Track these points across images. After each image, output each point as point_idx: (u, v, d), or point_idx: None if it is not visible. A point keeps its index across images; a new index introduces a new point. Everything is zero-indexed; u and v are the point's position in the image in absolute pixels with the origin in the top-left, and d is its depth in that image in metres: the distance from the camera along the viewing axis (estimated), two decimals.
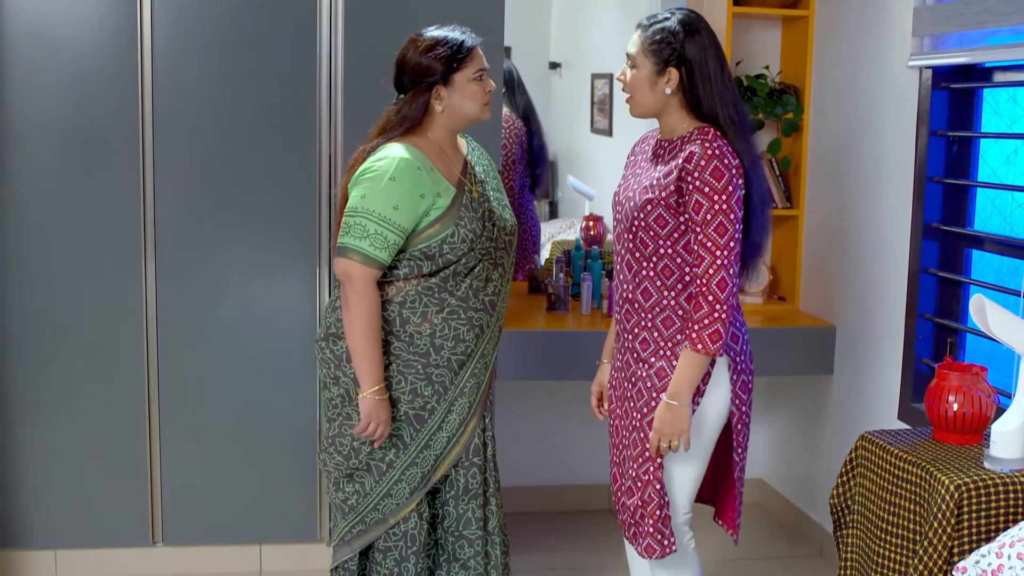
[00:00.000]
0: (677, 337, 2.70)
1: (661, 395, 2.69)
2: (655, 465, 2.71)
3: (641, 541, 2.75)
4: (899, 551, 2.79)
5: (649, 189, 2.67)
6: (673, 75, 2.66)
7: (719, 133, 2.65)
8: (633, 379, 2.77)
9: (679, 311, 2.70)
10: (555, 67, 5.46)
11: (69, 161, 3.52)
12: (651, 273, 2.71)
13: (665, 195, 2.64)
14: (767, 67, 4.22)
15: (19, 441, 3.61)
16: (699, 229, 2.60)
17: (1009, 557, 2.39)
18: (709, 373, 2.70)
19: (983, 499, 2.61)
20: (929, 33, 3.36)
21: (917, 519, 2.74)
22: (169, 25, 3.48)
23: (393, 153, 2.73)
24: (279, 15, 3.53)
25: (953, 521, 2.60)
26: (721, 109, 2.66)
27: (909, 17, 3.46)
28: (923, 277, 3.50)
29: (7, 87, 3.45)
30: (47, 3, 3.43)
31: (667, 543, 2.73)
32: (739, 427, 2.80)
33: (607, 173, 4.88)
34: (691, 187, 2.60)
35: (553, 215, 5.49)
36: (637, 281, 2.74)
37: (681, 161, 2.62)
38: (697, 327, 2.61)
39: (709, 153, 2.59)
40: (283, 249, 3.63)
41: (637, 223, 2.69)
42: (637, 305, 2.75)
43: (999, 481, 2.63)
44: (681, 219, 2.64)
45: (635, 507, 2.76)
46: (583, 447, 4.37)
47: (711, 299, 2.60)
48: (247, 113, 3.55)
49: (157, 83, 3.50)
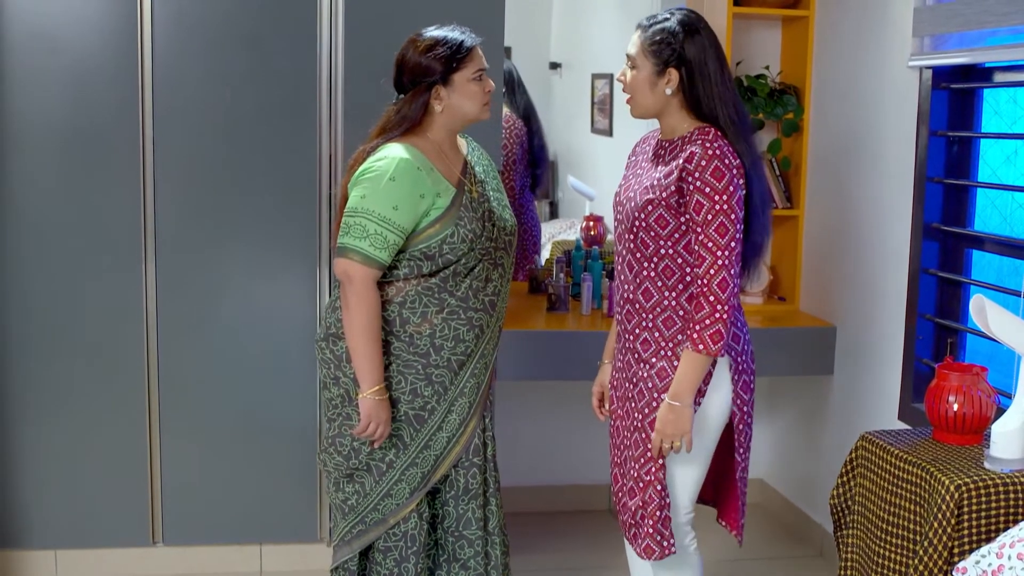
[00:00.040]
0: (678, 337, 2.70)
1: (662, 395, 2.69)
2: (657, 466, 2.71)
3: (640, 542, 2.75)
4: (899, 551, 2.79)
5: (650, 189, 2.67)
6: (673, 76, 2.66)
7: (719, 133, 2.65)
8: (634, 379, 2.77)
9: (680, 311, 2.69)
10: (555, 67, 5.46)
11: (69, 161, 3.52)
12: (652, 273, 2.71)
13: (666, 195, 2.63)
14: (767, 67, 4.21)
15: (19, 441, 3.61)
16: (700, 229, 2.60)
17: (1009, 557, 2.39)
18: (710, 373, 2.70)
19: (983, 499, 2.61)
20: (929, 33, 3.36)
21: (917, 519, 2.74)
22: (169, 25, 3.48)
23: (393, 153, 2.73)
24: (279, 15, 3.53)
25: (953, 521, 2.60)
26: (721, 109, 2.66)
27: (909, 17, 3.46)
28: (923, 277, 3.50)
29: (7, 87, 3.45)
30: (47, 3, 3.43)
31: (666, 544, 2.73)
32: (741, 427, 2.79)
33: (607, 173, 4.88)
34: (692, 187, 2.59)
35: (553, 215, 5.49)
36: (638, 281, 2.73)
37: (682, 161, 2.62)
38: (698, 327, 2.61)
39: (710, 153, 2.59)
40: (283, 249, 3.63)
41: (638, 223, 2.69)
42: (638, 305, 2.74)
43: (999, 481, 2.63)
44: (682, 219, 2.64)
45: (636, 508, 2.76)
46: (583, 447, 4.37)
47: (712, 299, 2.60)
48: (247, 113, 3.55)
49: (157, 83, 3.50)
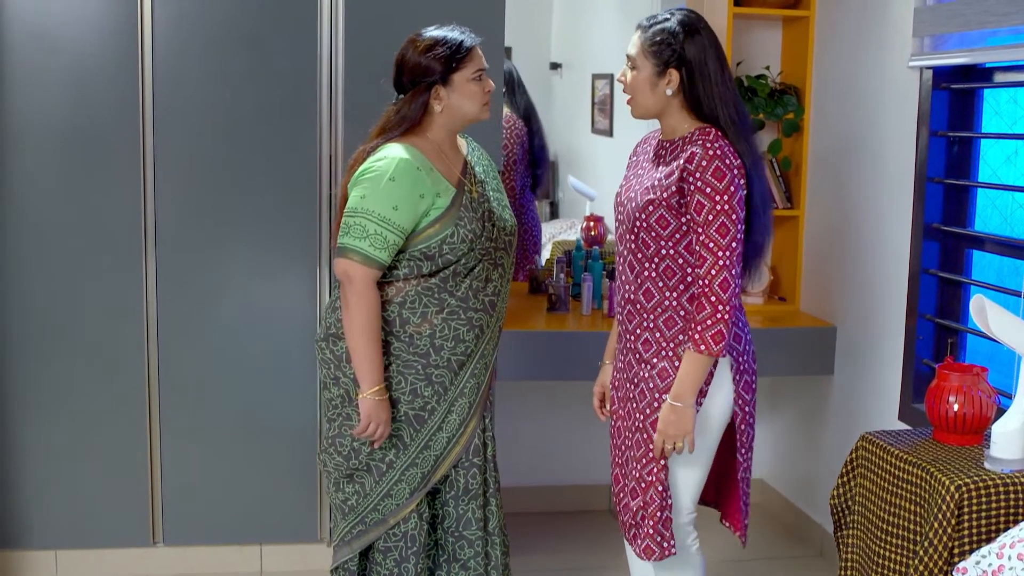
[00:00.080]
0: (679, 338, 2.70)
1: (664, 396, 2.69)
2: (659, 466, 2.71)
3: (640, 543, 2.75)
4: (899, 551, 2.79)
5: (651, 190, 2.67)
6: (674, 76, 2.65)
7: (720, 133, 2.65)
8: (635, 380, 2.77)
9: (681, 311, 2.69)
10: (556, 67, 5.47)
11: (69, 161, 3.52)
12: (653, 274, 2.70)
13: (667, 196, 2.63)
14: (768, 67, 4.21)
15: (19, 441, 3.61)
16: (701, 230, 2.60)
17: (1010, 558, 2.39)
18: (712, 374, 2.70)
19: (983, 500, 2.61)
20: (930, 33, 3.36)
21: (917, 519, 2.74)
22: (169, 25, 3.48)
23: (392, 153, 2.73)
24: (279, 15, 3.53)
25: (954, 522, 2.59)
26: (722, 109, 2.66)
27: (910, 17, 3.46)
28: (924, 277, 3.50)
29: (7, 87, 3.45)
30: (47, 3, 3.43)
31: (666, 545, 2.72)
32: (743, 427, 2.79)
33: (608, 173, 4.88)
34: (693, 188, 2.59)
35: (554, 215, 5.49)
36: (639, 282, 2.73)
37: (683, 162, 2.62)
38: (700, 328, 2.61)
39: (711, 154, 2.59)
40: (283, 249, 3.63)
41: (639, 224, 2.69)
42: (639, 306, 2.74)
43: (999, 482, 2.63)
44: (683, 220, 2.64)
45: (637, 508, 2.75)
46: (583, 447, 4.37)
47: (713, 300, 2.59)
48: (247, 113, 3.55)
49: (157, 83, 3.50)
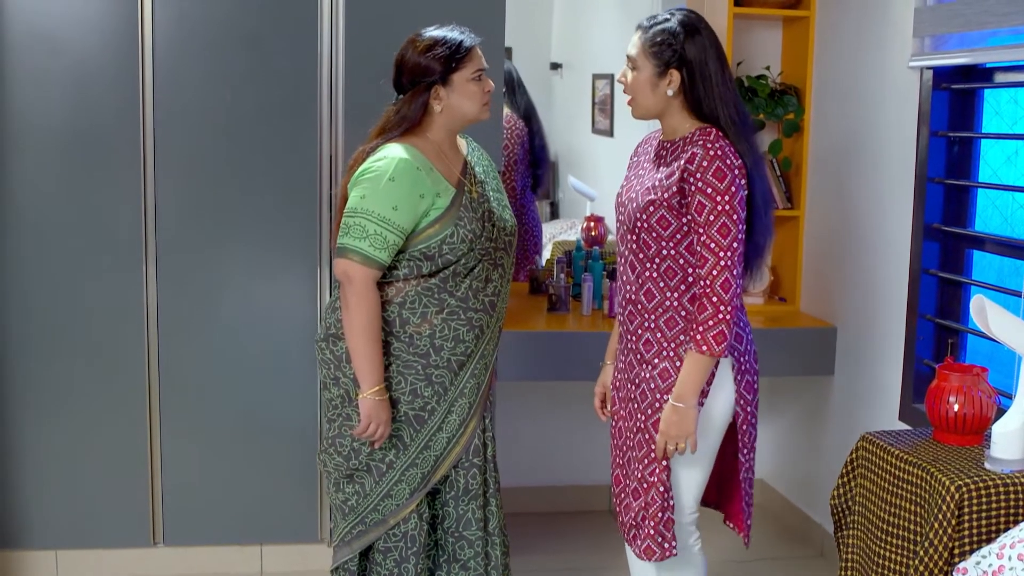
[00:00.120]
0: (680, 338, 2.69)
1: (665, 396, 2.69)
2: (661, 467, 2.71)
3: (641, 543, 2.75)
4: (900, 552, 2.79)
5: (651, 190, 2.67)
6: (675, 77, 2.65)
7: (721, 134, 2.64)
8: (637, 380, 2.77)
9: (682, 312, 2.69)
10: (556, 68, 5.47)
11: (70, 162, 3.52)
12: (654, 274, 2.70)
13: (667, 196, 2.63)
14: (768, 68, 4.21)
15: (19, 441, 3.61)
16: (702, 230, 2.59)
17: (1010, 558, 2.39)
18: (713, 374, 2.70)
19: (984, 500, 2.60)
20: (930, 34, 3.36)
21: (918, 520, 2.74)
22: (170, 26, 3.48)
23: (392, 153, 2.73)
24: (279, 15, 3.53)
25: (954, 522, 2.59)
26: (722, 110, 2.66)
27: (910, 18, 3.46)
28: (924, 278, 3.50)
29: (8, 88, 3.45)
30: (47, 4, 3.43)
31: (667, 546, 2.72)
32: (744, 428, 2.78)
33: (608, 174, 4.88)
34: (693, 188, 2.59)
35: (554, 216, 5.49)
36: (640, 282, 2.73)
37: (683, 162, 2.61)
38: (701, 328, 2.60)
39: (711, 154, 2.58)
40: (283, 249, 3.63)
41: (640, 224, 2.69)
42: (640, 306, 2.74)
43: (1000, 482, 2.63)
44: (684, 220, 2.63)
45: (638, 508, 2.75)
46: (584, 448, 4.37)
47: (715, 300, 2.59)
48: (248, 113, 3.55)
49: (158, 84, 3.50)
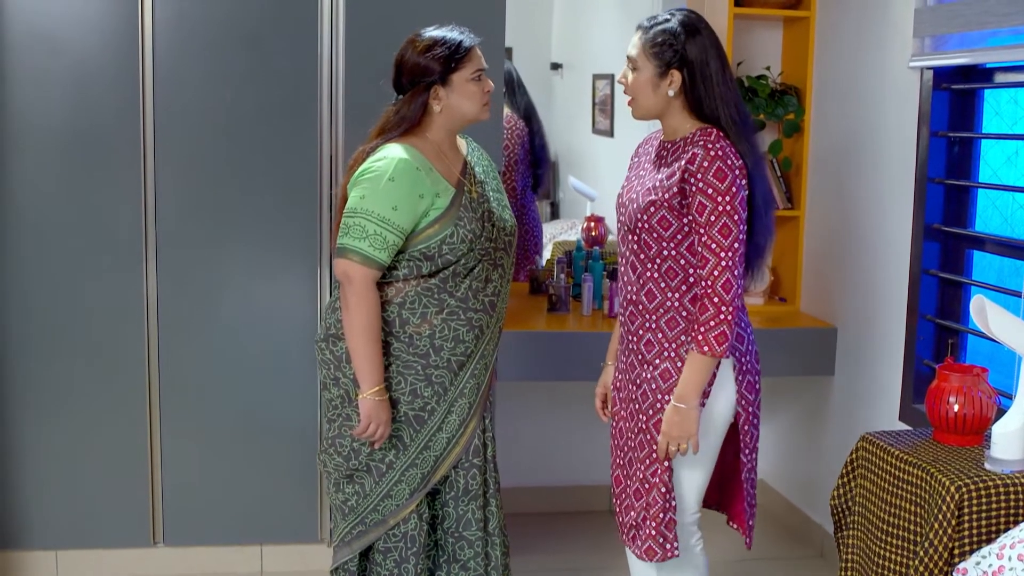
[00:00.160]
0: (681, 338, 2.69)
1: (666, 397, 2.69)
2: (663, 468, 2.70)
3: (642, 544, 2.74)
4: (900, 552, 2.79)
5: (652, 191, 2.67)
6: (676, 77, 2.65)
7: (721, 134, 2.64)
8: (638, 381, 2.76)
9: (683, 312, 2.69)
10: (556, 68, 5.46)
11: (70, 162, 3.52)
12: (655, 275, 2.70)
13: (668, 197, 2.63)
14: (768, 68, 4.21)
15: (19, 441, 3.61)
16: (703, 231, 2.59)
17: (1010, 558, 2.39)
18: (714, 374, 2.69)
19: (984, 500, 2.60)
20: (930, 34, 3.36)
21: (918, 520, 2.73)
22: (170, 26, 3.48)
23: (392, 154, 2.73)
24: (279, 15, 3.53)
25: (954, 522, 2.59)
26: (723, 110, 2.65)
27: (910, 18, 3.46)
28: (924, 278, 3.49)
29: (8, 88, 3.45)
30: (48, 4, 3.43)
31: (669, 547, 2.72)
32: (746, 428, 2.78)
33: (608, 174, 4.87)
34: (694, 188, 2.59)
35: (554, 216, 5.48)
36: (641, 283, 2.73)
37: (684, 163, 2.61)
38: (703, 329, 2.60)
39: (712, 155, 2.58)
40: (283, 249, 3.63)
41: (640, 225, 2.68)
42: (641, 307, 2.74)
43: (1000, 482, 2.63)
44: (685, 221, 2.63)
45: (640, 509, 2.75)
46: (584, 448, 4.37)
47: (716, 301, 2.59)
48: (248, 113, 3.55)
49: (158, 83, 3.50)
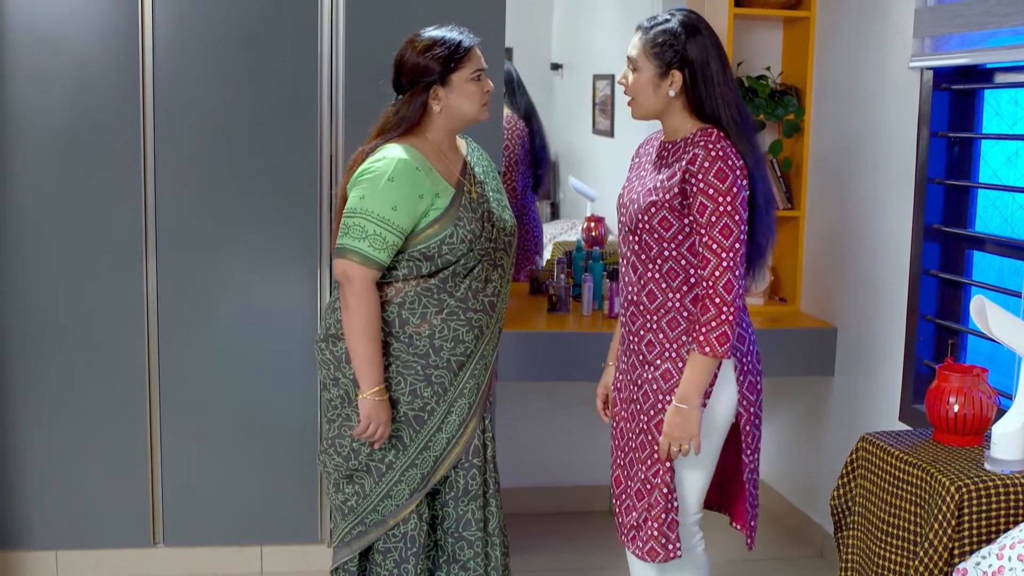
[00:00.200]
0: (683, 339, 2.69)
1: (668, 397, 2.68)
2: (664, 468, 2.70)
3: (644, 544, 2.74)
4: (900, 552, 2.79)
5: (653, 191, 2.66)
6: (676, 77, 2.64)
7: (722, 134, 2.64)
8: (639, 382, 2.76)
9: (684, 312, 2.69)
10: (556, 68, 5.47)
11: (70, 162, 3.52)
12: (656, 275, 2.70)
13: (669, 197, 2.63)
14: (768, 68, 4.21)
15: (19, 441, 3.61)
16: (704, 231, 2.59)
17: (1010, 559, 2.39)
18: (715, 375, 2.69)
19: (984, 501, 2.60)
20: (930, 34, 3.36)
21: (918, 520, 2.73)
22: (170, 26, 3.48)
23: (391, 154, 2.73)
24: (279, 15, 3.53)
25: (954, 523, 2.59)
26: (724, 110, 2.65)
27: (910, 18, 3.46)
28: (924, 278, 3.49)
29: (8, 88, 3.45)
30: (47, 4, 3.43)
31: (671, 547, 2.71)
32: (748, 428, 2.78)
33: (609, 174, 4.88)
34: (695, 189, 2.58)
35: (555, 216, 5.49)
36: (642, 283, 2.73)
37: (685, 163, 2.61)
38: (704, 330, 2.60)
39: (713, 155, 2.58)
40: (283, 249, 3.63)
41: (641, 225, 2.68)
42: (642, 307, 2.74)
43: (1000, 483, 2.63)
44: (685, 221, 2.63)
45: (641, 510, 2.75)
46: (584, 448, 4.37)
47: (717, 301, 2.58)
48: (248, 113, 3.55)
49: (158, 84, 3.50)
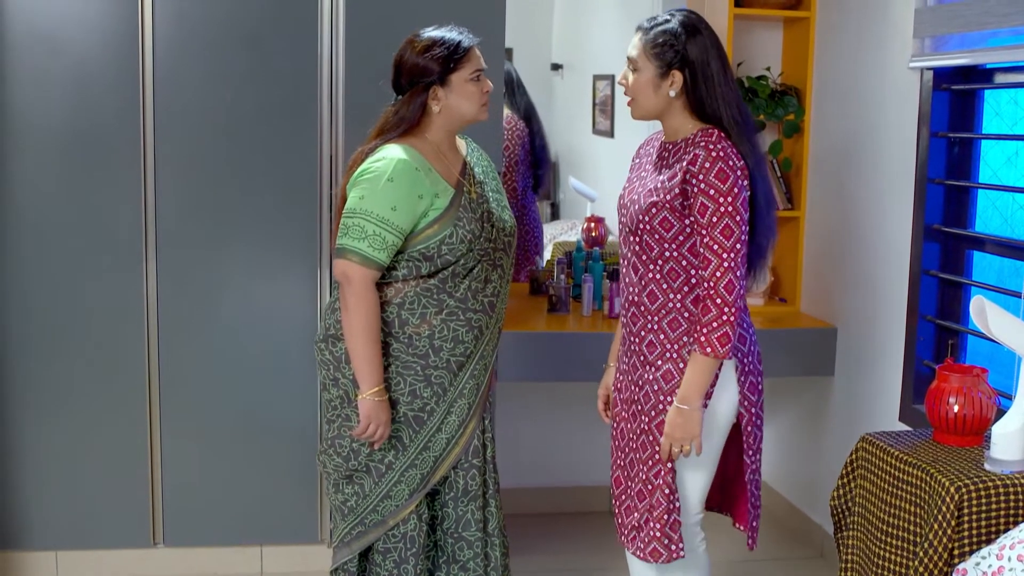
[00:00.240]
0: (683, 339, 2.69)
1: (669, 398, 2.68)
2: (666, 469, 2.70)
3: (646, 545, 2.73)
4: (899, 553, 2.78)
5: (654, 192, 2.66)
6: (677, 78, 2.64)
7: (723, 135, 2.64)
8: (640, 383, 2.76)
9: (685, 313, 2.69)
10: (557, 68, 5.46)
11: (70, 162, 3.52)
12: (657, 276, 2.70)
13: (670, 198, 2.62)
14: (768, 68, 4.21)
15: (19, 441, 3.61)
16: (705, 232, 2.59)
17: (1009, 559, 2.39)
18: (716, 375, 2.69)
19: (983, 501, 2.60)
20: (930, 34, 3.36)
21: (918, 521, 2.73)
22: (170, 26, 3.48)
23: (391, 154, 2.73)
24: (279, 15, 3.53)
25: (953, 523, 2.59)
26: (725, 110, 2.65)
27: (910, 18, 3.46)
28: (924, 278, 3.49)
29: (8, 88, 3.45)
30: (47, 4, 3.43)
31: (674, 548, 2.71)
32: (749, 429, 2.77)
33: (609, 174, 4.88)
34: (696, 190, 2.58)
35: (555, 216, 5.48)
36: (643, 284, 2.73)
37: (686, 164, 2.60)
38: (706, 330, 2.60)
39: (714, 155, 2.58)
40: (283, 249, 3.63)
41: (642, 226, 2.68)
42: (643, 308, 2.73)
43: (999, 483, 2.63)
44: (686, 222, 2.63)
45: (643, 511, 2.75)
46: (584, 448, 4.37)
47: (719, 302, 2.58)
48: (248, 113, 3.55)
49: (158, 84, 3.50)
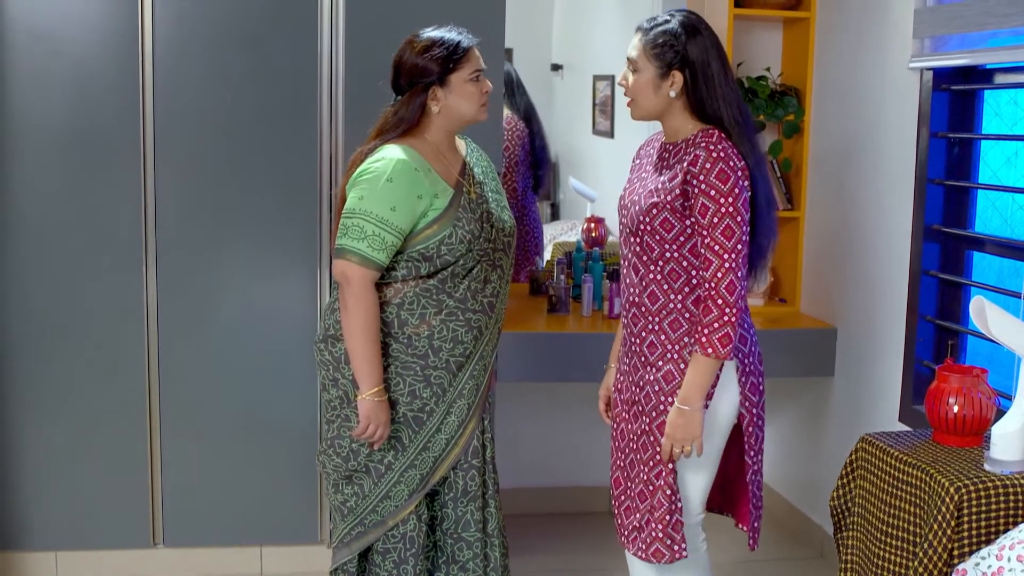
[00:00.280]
0: (684, 340, 2.69)
1: (670, 399, 2.68)
2: (667, 470, 2.70)
3: (648, 546, 2.73)
4: (899, 553, 2.78)
5: (654, 193, 2.66)
6: (677, 78, 2.64)
7: (724, 135, 2.64)
8: (641, 383, 2.76)
9: (686, 314, 2.68)
10: (557, 69, 5.46)
11: (70, 162, 3.52)
12: (658, 277, 2.70)
13: (671, 199, 2.62)
14: (768, 69, 4.21)
15: (19, 441, 3.61)
16: (706, 232, 2.59)
17: (1009, 559, 2.39)
18: (717, 376, 2.69)
19: (983, 501, 2.60)
20: (930, 35, 3.36)
21: (917, 521, 2.73)
22: (170, 26, 3.48)
23: (390, 155, 2.73)
24: (279, 15, 3.53)
25: (953, 523, 2.59)
26: (725, 110, 2.65)
27: (910, 19, 3.46)
28: (924, 279, 3.49)
29: (8, 88, 3.45)
30: (47, 4, 3.43)
31: (677, 548, 2.71)
32: (751, 429, 2.77)
33: (609, 175, 4.88)
34: (697, 190, 2.58)
35: (555, 217, 5.48)
36: (644, 285, 2.73)
37: (686, 164, 2.61)
38: (707, 331, 2.59)
39: (714, 156, 2.58)
40: (283, 249, 3.63)
41: (643, 227, 2.68)
42: (644, 309, 2.73)
43: (999, 483, 2.62)
44: (687, 223, 2.62)
45: (644, 511, 2.74)
46: (584, 449, 4.37)
47: (720, 303, 2.58)
48: (248, 114, 3.55)
49: (158, 84, 3.51)
